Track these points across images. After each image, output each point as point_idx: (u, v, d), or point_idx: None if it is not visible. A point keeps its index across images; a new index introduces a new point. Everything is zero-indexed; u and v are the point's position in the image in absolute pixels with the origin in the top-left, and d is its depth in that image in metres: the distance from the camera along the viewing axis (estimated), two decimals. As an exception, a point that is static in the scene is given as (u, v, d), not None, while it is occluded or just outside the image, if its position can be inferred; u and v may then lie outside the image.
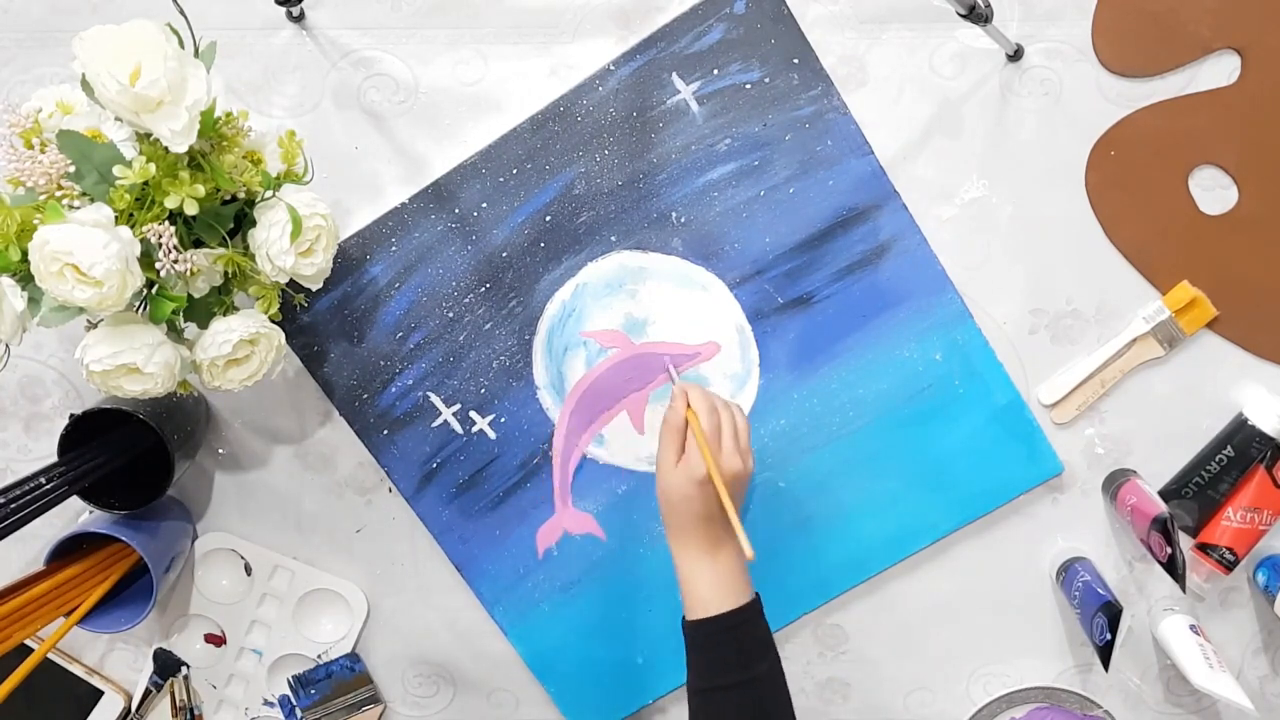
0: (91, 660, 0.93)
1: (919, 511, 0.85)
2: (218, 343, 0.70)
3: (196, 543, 0.90)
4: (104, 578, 0.83)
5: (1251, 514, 0.80)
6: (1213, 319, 0.80)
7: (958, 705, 0.89)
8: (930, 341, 0.82)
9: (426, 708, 0.93)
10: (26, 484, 0.73)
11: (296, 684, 0.88)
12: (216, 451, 0.89)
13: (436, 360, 0.85)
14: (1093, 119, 0.79)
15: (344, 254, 0.83)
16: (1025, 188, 0.81)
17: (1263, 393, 0.82)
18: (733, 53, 0.79)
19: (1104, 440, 0.84)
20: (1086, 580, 0.80)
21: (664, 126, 0.81)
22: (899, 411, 0.83)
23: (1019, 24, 0.79)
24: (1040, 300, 0.82)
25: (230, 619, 0.92)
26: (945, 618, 0.87)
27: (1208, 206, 0.80)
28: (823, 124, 0.80)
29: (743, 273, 0.82)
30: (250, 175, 0.68)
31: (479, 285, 0.84)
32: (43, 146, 0.64)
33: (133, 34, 0.61)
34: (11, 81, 0.83)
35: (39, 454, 0.90)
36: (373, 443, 0.86)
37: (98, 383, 0.67)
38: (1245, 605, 0.85)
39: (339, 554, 0.90)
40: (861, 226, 0.81)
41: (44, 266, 0.61)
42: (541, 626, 0.88)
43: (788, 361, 0.83)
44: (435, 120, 0.82)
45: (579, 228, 0.83)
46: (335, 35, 0.82)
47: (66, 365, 0.88)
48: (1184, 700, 0.87)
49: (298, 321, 0.84)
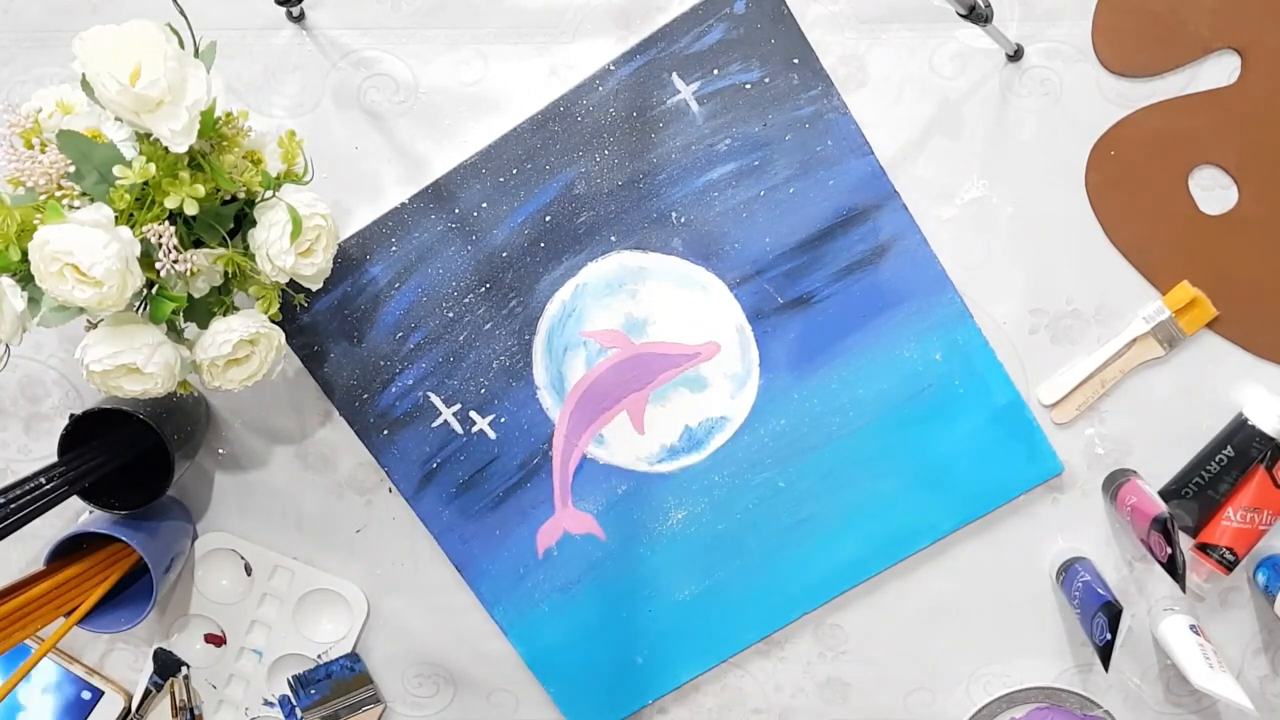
0: (92, 660, 0.93)
1: (919, 511, 0.84)
2: (218, 343, 0.70)
3: (196, 543, 0.90)
4: (104, 578, 0.83)
5: (1251, 514, 0.80)
6: (1213, 319, 0.80)
7: (958, 705, 0.89)
8: (930, 341, 0.82)
9: (426, 708, 0.93)
10: (26, 484, 0.73)
11: (296, 684, 0.88)
12: (216, 451, 0.89)
13: (436, 360, 0.85)
14: (1093, 119, 0.79)
15: (344, 254, 0.83)
16: (1025, 188, 0.81)
17: (1263, 393, 0.82)
18: (733, 53, 0.79)
19: (1104, 440, 0.84)
20: (1086, 580, 0.80)
21: (664, 126, 0.81)
22: (899, 411, 0.83)
23: (1019, 24, 0.79)
24: (1040, 300, 0.82)
25: (230, 619, 0.92)
26: (945, 618, 0.87)
27: (1208, 206, 0.80)
28: (823, 124, 0.80)
29: (743, 273, 0.82)
30: (250, 175, 0.68)
31: (479, 285, 0.84)
32: (43, 146, 0.64)
33: (133, 34, 0.61)
34: (11, 81, 0.84)
35: (39, 454, 0.90)
36: (373, 443, 0.86)
37: (98, 383, 0.67)
38: (1245, 605, 0.85)
39: (339, 554, 0.90)
40: (861, 226, 0.81)
41: (44, 266, 0.61)
42: (541, 626, 0.88)
43: (788, 361, 0.83)
44: (435, 120, 0.82)
45: (579, 228, 0.83)
46: (335, 35, 0.82)
47: (66, 365, 0.88)
48: (1184, 700, 0.87)
49: (298, 321, 0.84)
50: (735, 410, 0.84)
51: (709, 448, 0.85)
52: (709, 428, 0.85)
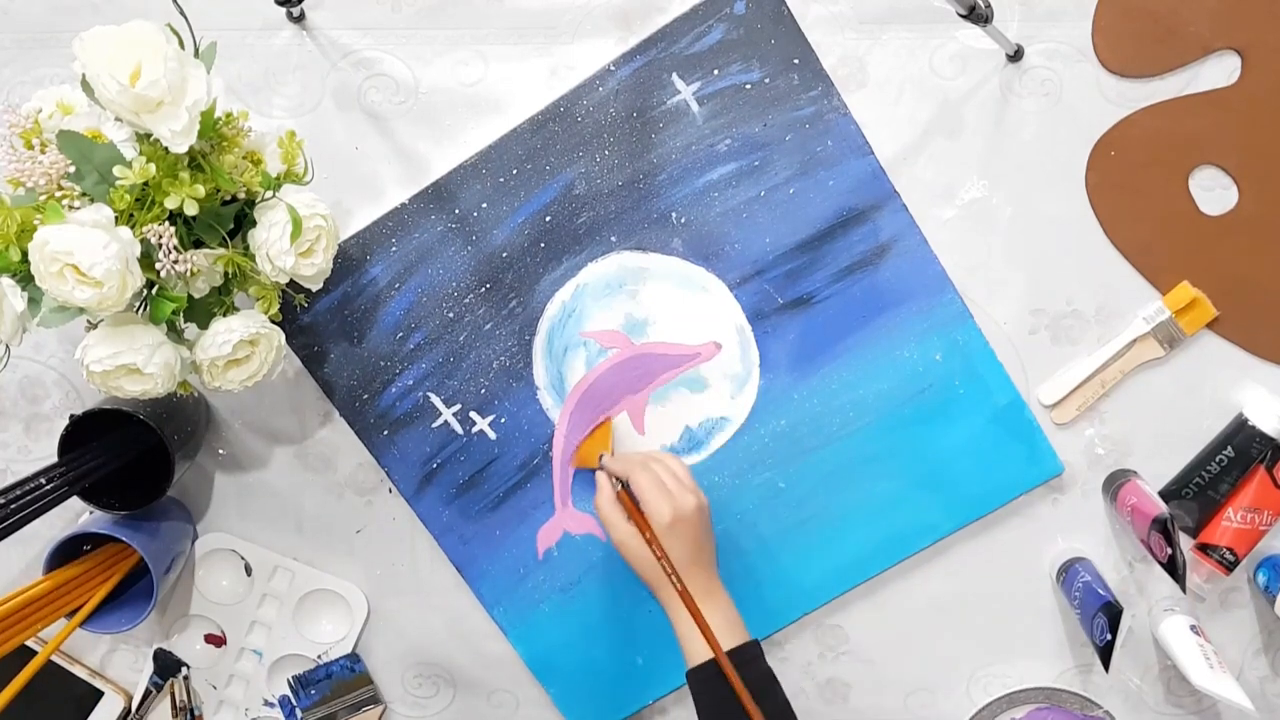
0: (92, 661, 0.93)
1: (919, 512, 0.84)
2: (218, 343, 0.70)
3: (197, 543, 0.90)
4: (105, 579, 0.83)
5: (1252, 514, 0.80)
6: (1213, 319, 0.80)
7: (958, 706, 0.89)
8: (930, 342, 0.82)
9: (426, 708, 0.93)
10: (26, 484, 0.73)
11: (297, 684, 0.88)
12: (217, 452, 0.89)
13: (437, 361, 0.85)
14: (1093, 119, 0.79)
15: (344, 254, 0.83)
16: (1025, 188, 0.81)
17: (1263, 393, 0.82)
18: (733, 53, 0.79)
19: (1104, 441, 0.84)
20: (1087, 581, 0.80)
21: (664, 127, 0.81)
22: (899, 412, 0.83)
23: (1019, 24, 0.79)
24: (1040, 300, 0.82)
25: (230, 619, 0.92)
26: (945, 618, 0.87)
27: (1208, 206, 0.80)
28: (823, 124, 0.80)
29: (743, 273, 0.82)
30: (250, 175, 0.68)
31: (479, 286, 0.84)
32: (43, 147, 0.64)
33: (133, 34, 0.61)
34: (12, 82, 0.84)
35: (39, 454, 0.90)
36: (373, 443, 0.86)
37: (98, 383, 0.67)
38: (1245, 606, 0.85)
39: (339, 554, 0.90)
40: (861, 227, 0.81)
41: (44, 267, 0.61)
42: (542, 627, 0.88)
43: (788, 362, 0.83)
44: (435, 121, 0.82)
45: (579, 228, 0.83)
46: (335, 36, 0.82)
47: (66, 366, 0.88)
48: (1184, 701, 0.87)
49: (298, 322, 0.84)
50: (735, 411, 0.84)
51: (709, 448, 0.85)
52: (709, 428, 0.85)
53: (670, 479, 0.74)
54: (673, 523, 0.71)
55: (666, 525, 0.71)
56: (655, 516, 0.72)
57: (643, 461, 0.76)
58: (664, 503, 0.72)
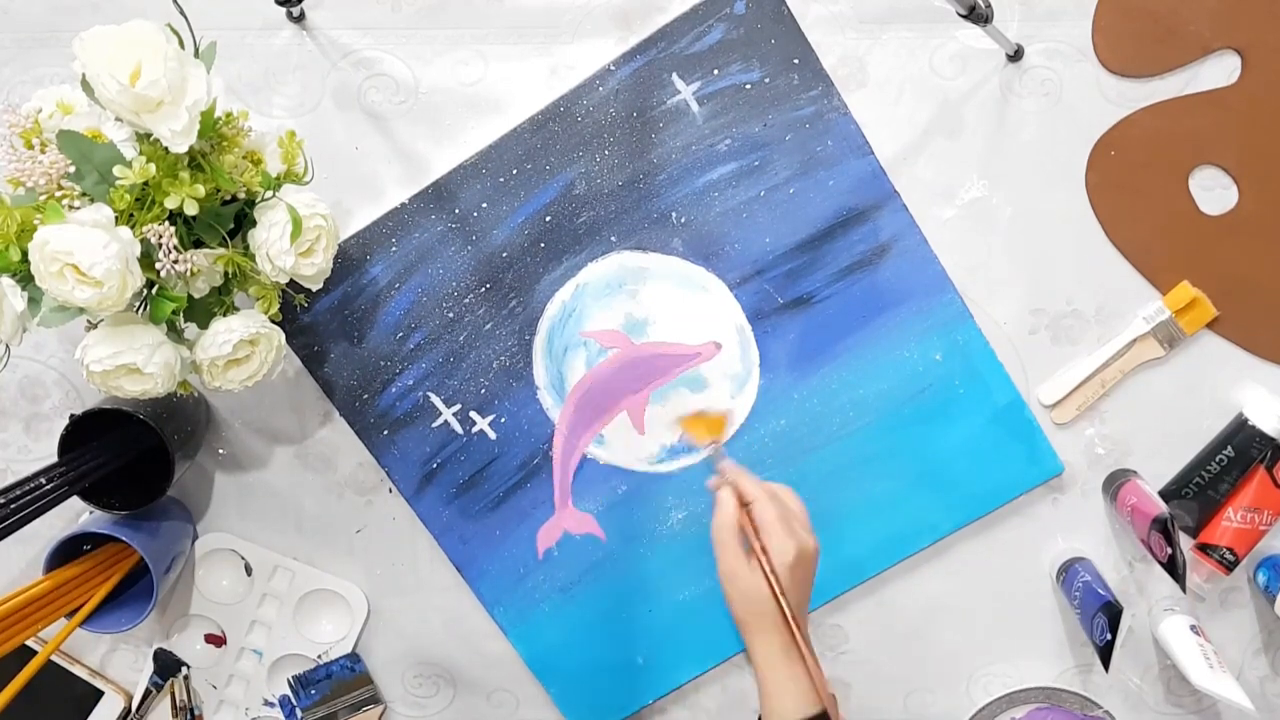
0: (93, 661, 0.93)
1: (919, 512, 0.84)
2: (218, 343, 0.70)
3: (197, 543, 0.90)
4: (105, 578, 0.83)
5: (1252, 514, 0.80)
6: (1213, 319, 0.80)
7: (958, 706, 0.89)
8: (930, 342, 0.82)
9: (426, 708, 0.93)
10: (26, 484, 0.73)
11: (297, 684, 0.88)
12: (217, 452, 0.89)
13: (437, 360, 0.85)
14: (1093, 119, 0.79)
15: (344, 254, 0.83)
16: (1025, 188, 0.81)
17: (1263, 393, 0.82)
18: (733, 53, 0.79)
19: (1104, 440, 0.84)
20: (1087, 580, 0.80)
21: (664, 127, 0.81)
22: (899, 412, 0.83)
23: (1019, 24, 0.79)
24: (1040, 300, 0.82)
25: (230, 619, 0.92)
26: (946, 618, 0.87)
27: (1208, 206, 0.80)
28: (823, 124, 0.80)
29: (743, 273, 0.82)
30: (250, 175, 0.68)
31: (479, 285, 0.84)
32: (43, 146, 0.64)
33: (133, 34, 0.61)
34: (12, 81, 0.84)
35: (39, 454, 0.90)
36: (373, 443, 0.86)
37: (98, 383, 0.67)
38: (1245, 605, 0.85)
39: (339, 554, 0.90)
40: (862, 227, 0.81)
41: (44, 266, 0.61)
42: (542, 627, 0.88)
43: (788, 362, 0.83)
44: (435, 120, 0.82)
45: (579, 228, 0.83)
46: (335, 35, 0.82)
47: (66, 365, 0.88)
48: (1184, 701, 0.87)
49: (298, 322, 0.84)
50: (735, 410, 0.84)
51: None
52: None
53: (795, 519, 0.67)
54: (795, 563, 0.64)
55: (789, 565, 0.64)
56: (779, 554, 0.64)
57: (770, 490, 0.68)
58: (789, 540, 0.64)
